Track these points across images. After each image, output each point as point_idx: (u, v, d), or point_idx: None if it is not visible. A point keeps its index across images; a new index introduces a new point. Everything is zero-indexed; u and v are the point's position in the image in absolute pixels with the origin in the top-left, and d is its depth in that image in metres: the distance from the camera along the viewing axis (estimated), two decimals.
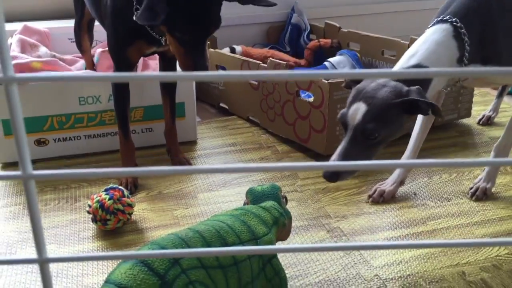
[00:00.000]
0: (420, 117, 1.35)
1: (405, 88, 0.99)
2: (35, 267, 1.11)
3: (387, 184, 1.35)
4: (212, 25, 1.18)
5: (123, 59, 1.31)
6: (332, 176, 1.00)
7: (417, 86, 0.98)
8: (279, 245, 1.01)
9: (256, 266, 0.83)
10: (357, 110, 1.00)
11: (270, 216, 0.91)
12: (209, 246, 0.77)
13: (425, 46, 1.06)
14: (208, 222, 0.83)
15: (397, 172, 1.35)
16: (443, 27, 1.07)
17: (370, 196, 1.33)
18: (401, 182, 1.35)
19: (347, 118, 1.01)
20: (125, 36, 1.28)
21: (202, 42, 1.17)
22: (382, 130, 0.98)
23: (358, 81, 1.06)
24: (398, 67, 1.07)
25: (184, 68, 1.19)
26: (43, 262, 0.35)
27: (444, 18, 1.07)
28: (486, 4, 1.07)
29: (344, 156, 1.00)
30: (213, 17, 1.17)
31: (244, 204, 0.98)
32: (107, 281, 0.70)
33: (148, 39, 1.26)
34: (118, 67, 1.34)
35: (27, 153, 0.33)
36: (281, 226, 0.91)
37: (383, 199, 1.32)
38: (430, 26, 1.11)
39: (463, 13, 1.06)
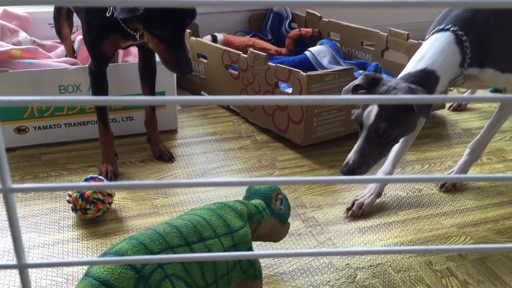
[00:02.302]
0: None
1: (411, 88, 1.07)
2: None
3: (364, 196, 1.31)
4: (188, 17, 1.19)
5: (98, 52, 1.32)
6: (349, 172, 1.08)
7: (419, 88, 1.06)
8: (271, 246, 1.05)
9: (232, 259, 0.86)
10: (371, 111, 1.08)
11: (246, 210, 0.94)
12: (185, 241, 0.79)
13: (431, 51, 1.14)
14: (186, 217, 0.86)
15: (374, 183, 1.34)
16: (445, 34, 1.15)
17: (348, 210, 1.29)
18: (378, 194, 1.31)
19: (362, 118, 1.09)
20: (100, 30, 1.28)
21: (181, 35, 1.19)
22: (394, 128, 1.07)
23: (368, 84, 1.12)
24: (408, 70, 1.14)
25: (167, 64, 1.20)
26: (22, 267, 0.38)
27: (446, 28, 1.15)
28: (481, 14, 1.15)
29: (361, 153, 1.09)
30: (188, 9, 1.18)
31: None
32: (86, 275, 0.73)
33: (123, 33, 1.27)
34: (94, 60, 1.35)
35: (6, 168, 0.35)
36: (255, 223, 0.94)
37: (363, 211, 1.28)
38: (430, 35, 1.18)
39: (460, 23, 1.15)
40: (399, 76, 1.14)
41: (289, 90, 1.58)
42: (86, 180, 1.24)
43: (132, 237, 0.77)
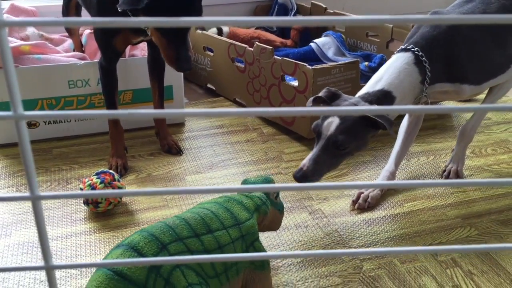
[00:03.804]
0: (403, 127, 1.38)
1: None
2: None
3: (369, 189, 1.32)
4: (193, 13, 1.19)
5: (109, 48, 1.34)
6: (301, 178, 1.11)
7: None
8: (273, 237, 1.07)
9: (240, 249, 0.89)
10: (331, 123, 1.12)
11: (252, 203, 0.96)
12: (194, 232, 0.83)
13: (389, 72, 1.18)
14: (194, 210, 0.89)
15: (380, 177, 1.36)
16: (405, 55, 1.19)
17: (354, 202, 1.31)
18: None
19: (322, 129, 1.13)
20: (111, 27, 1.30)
21: (184, 32, 1.19)
22: (351, 142, 1.11)
23: (329, 98, 1.16)
24: (366, 89, 1.18)
25: (167, 59, 1.21)
26: (49, 269, 0.40)
27: (407, 48, 1.19)
28: (446, 35, 1.19)
29: (315, 161, 1.12)
30: (193, 7, 1.18)
31: None
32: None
33: (134, 29, 1.28)
34: (104, 56, 1.37)
35: (34, 176, 0.37)
36: (262, 214, 0.97)
37: (369, 203, 1.30)
38: (395, 53, 1.22)
39: (423, 43, 1.19)
40: (357, 95, 1.18)
41: (295, 83, 1.59)
42: (98, 174, 1.27)
43: (144, 230, 0.80)
